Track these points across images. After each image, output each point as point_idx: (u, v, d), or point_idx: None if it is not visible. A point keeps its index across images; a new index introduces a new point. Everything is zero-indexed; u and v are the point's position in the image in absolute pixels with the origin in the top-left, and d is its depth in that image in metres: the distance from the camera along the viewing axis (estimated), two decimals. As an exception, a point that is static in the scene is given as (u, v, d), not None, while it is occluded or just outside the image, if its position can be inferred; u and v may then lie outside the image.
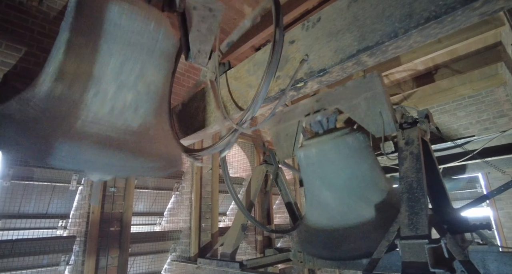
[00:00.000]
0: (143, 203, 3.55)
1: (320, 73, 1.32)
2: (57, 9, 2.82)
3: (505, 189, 2.41)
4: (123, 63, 1.49)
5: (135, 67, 1.52)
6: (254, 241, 4.35)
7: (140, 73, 1.55)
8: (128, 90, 1.51)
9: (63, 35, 1.47)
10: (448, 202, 2.39)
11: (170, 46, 1.70)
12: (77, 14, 1.45)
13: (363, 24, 1.19)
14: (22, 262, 2.37)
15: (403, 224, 1.89)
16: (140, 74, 1.55)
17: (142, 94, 1.56)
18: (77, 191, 2.84)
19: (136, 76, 1.53)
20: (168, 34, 1.64)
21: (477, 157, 2.79)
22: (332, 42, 1.29)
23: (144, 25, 1.53)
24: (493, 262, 2.39)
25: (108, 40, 1.45)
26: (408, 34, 1.07)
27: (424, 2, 1.02)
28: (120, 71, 1.48)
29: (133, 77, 1.53)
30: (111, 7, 1.43)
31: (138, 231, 3.42)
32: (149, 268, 3.35)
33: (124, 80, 1.49)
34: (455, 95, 5.70)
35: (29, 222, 2.61)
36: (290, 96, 1.54)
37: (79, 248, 2.66)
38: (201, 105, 2.08)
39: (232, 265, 2.71)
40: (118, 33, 1.46)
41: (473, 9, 0.93)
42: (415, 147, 2.19)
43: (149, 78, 1.59)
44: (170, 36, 1.66)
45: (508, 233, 5.02)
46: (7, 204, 2.51)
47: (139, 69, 1.54)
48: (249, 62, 1.73)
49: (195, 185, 3.66)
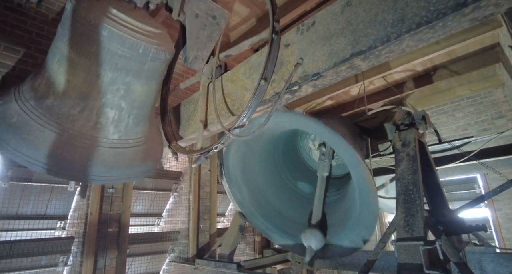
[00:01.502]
0: (141, 203, 3.56)
1: (314, 77, 1.33)
2: (56, 11, 2.82)
3: (501, 190, 2.42)
4: (109, 84, 1.54)
5: (121, 87, 1.57)
6: (252, 242, 4.37)
7: (125, 93, 1.60)
8: (112, 108, 1.58)
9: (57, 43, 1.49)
10: (444, 203, 2.40)
11: (161, 63, 1.69)
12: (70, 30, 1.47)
13: (356, 29, 1.20)
14: (20, 263, 2.39)
15: (399, 225, 1.90)
16: (125, 94, 1.60)
17: (125, 110, 1.64)
18: (75, 192, 2.85)
19: (121, 96, 1.59)
20: (158, 53, 1.60)
21: (473, 159, 2.79)
22: (326, 46, 1.30)
23: (133, 49, 1.52)
24: (489, 263, 2.40)
25: (97, 61, 1.48)
26: (401, 39, 1.08)
27: (415, 8, 1.03)
28: (106, 91, 1.54)
29: (118, 97, 1.59)
30: (100, 30, 1.43)
31: (137, 231, 3.42)
32: (147, 269, 3.36)
33: (109, 99, 1.56)
34: (453, 96, 5.70)
35: (28, 223, 2.62)
36: (285, 100, 1.55)
37: (77, 249, 2.68)
38: (197, 107, 2.09)
39: (230, 266, 2.72)
40: (107, 56, 1.48)
41: (464, 15, 0.94)
42: (412, 148, 2.21)
43: (134, 95, 1.64)
44: (160, 55, 1.62)
45: (506, 234, 5.03)
46: (6, 205, 2.52)
47: (124, 90, 1.59)
48: (245, 65, 1.74)
49: (193, 186, 3.67)
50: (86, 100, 1.51)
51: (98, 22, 1.41)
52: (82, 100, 1.50)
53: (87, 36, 1.43)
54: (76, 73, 1.47)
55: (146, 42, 1.53)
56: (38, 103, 1.47)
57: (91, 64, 1.47)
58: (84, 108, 1.51)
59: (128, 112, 1.66)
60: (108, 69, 1.49)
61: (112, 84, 1.54)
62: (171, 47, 1.70)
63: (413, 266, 1.69)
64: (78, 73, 1.47)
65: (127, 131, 1.68)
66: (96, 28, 1.42)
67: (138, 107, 1.70)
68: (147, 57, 1.56)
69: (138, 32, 1.51)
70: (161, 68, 1.73)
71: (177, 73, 3.95)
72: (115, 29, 1.44)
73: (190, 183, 3.71)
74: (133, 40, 1.49)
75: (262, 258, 3.47)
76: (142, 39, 1.52)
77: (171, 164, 3.80)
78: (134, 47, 1.50)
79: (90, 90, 1.51)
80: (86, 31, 1.43)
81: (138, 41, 1.51)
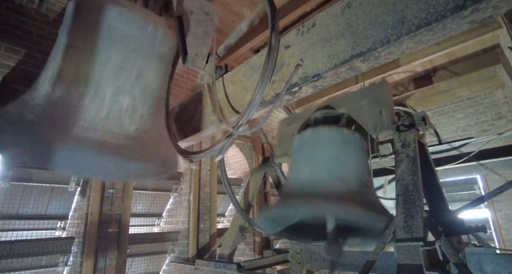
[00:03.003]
0: (141, 204, 3.57)
1: (314, 78, 1.34)
2: (56, 11, 2.83)
3: (501, 192, 2.42)
4: (121, 68, 1.50)
5: (132, 71, 1.53)
6: (252, 242, 4.37)
7: (137, 78, 1.55)
8: (125, 95, 1.52)
9: (62, 39, 1.48)
10: (444, 204, 2.40)
11: (168, 49, 1.69)
12: (75, 18, 1.47)
13: (356, 30, 1.21)
14: (20, 263, 2.39)
15: (398, 226, 1.90)
16: (137, 79, 1.55)
17: (138, 99, 1.57)
18: (76, 192, 2.86)
19: (133, 81, 1.54)
20: (165, 37, 1.64)
21: (473, 160, 2.80)
22: (326, 47, 1.31)
23: (142, 29, 1.53)
24: (489, 264, 2.41)
25: (106, 44, 1.46)
26: (400, 41, 1.08)
27: (415, 10, 1.03)
28: (118, 76, 1.49)
29: (130, 82, 1.53)
30: (108, 12, 1.44)
31: (137, 232, 3.43)
32: (147, 269, 3.36)
33: (121, 85, 1.50)
34: (453, 97, 5.71)
35: (28, 223, 2.63)
36: (285, 100, 1.56)
37: (77, 249, 2.68)
38: (198, 108, 2.09)
39: (229, 266, 2.73)
40: (116, 38, 1.47)
41: (463, 17, 0.95)
42: (412, 149, 2.21)
43: (146, 82, 1.60)
44: (167, 39, 1.65)
45: (506, 235, 5.03)
46: (6, 205, 2.53)
47: (136, 74, 1.55)
48: (246, 66, 1.74)
49: (193, 186, 3.68)
50: (96, 88, 1.45)
51: (105, 4, 1.43)
52: (92, 89, 1.44)
53: (94, 19, 1.43)
54: (83, 61, 1.44)
55: (154, 23, 1.54)
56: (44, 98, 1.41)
57: (100, 49, 1.45)
58: (94, 97, 1.44)
59: (142, 102, 1.59)
60: (118, 51, 1.47)
61: (123, 68, 1.50)
62: (175, 36, 1.71)
63: (412, 267, 1.69)
64: (85, 61, 1.44)
65: (143, 122, 1.59)
66: (103, 9, 1.43)
67: (151, 97, 1.64)
68: (155, 39, 1.56)
69: (144, 15, 1.53)
70: (169, 56, 1.72)
71: (178, 74, 3.96)
72: (122, 9, 1.45)
73: (190, 183, 3.72)
74: (141, 18, 1.50)
75: (262, 259, 3.47)
76: (149, 20, 1.53)
77: (171, 164, 3.80)
78: (143, 25, 1.50)
79: (100, 77, 1.46)
80: (93, 14, 1.43)
81: (147, 20, 1.52)
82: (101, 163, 1.50)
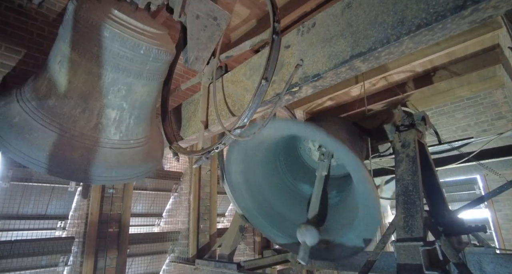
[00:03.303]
0: (141, 204, 3.57)
1: (314, 78, 1.34)
2: (56, 12, 2.83)
3: (501, 192, 2.42)
4: (111, 85, 1.54)
5: (121, 88, 1.58)
6: (252, 242, 4.37)
7: (127, 94, 1.61)
8: (113, 109, 1.59)
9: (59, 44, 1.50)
10: (444, 204, 2.40)
11: (162, 64, 1.69)
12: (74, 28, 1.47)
13: (356, 30, 1.21)
14: (21, 263, 2.39)
15: (398, 226, 1.91)
16: (126, 95, 1.61)
17: (126, 110, 1.64)
18: (76, 192, 2.86)
19: (122, 96, 1.60)
20: (159, 54, 1.61)
21: (473, 160, 2.80)
22: (326, 47, 1.31)
23: (134, 50, 1.52)
24: (489, 264, 2.41)
25: (98, 62, 1.49)
26: (400, 41, 1.08)
27: (415, 10, 1.03)
28: (107, 92, 1.55)
29: (119, 97, 1.59)
30: (102, 31, 1.44)
31: (137, 232, 3.43)
32: (147, 269, 3.36)
33: (111, 100, 1.57)
34: (453, 97, 5.71)
35: (28, 223, 2.63)
36: (285, 100, 1.56)
37: (77, 249, 2.68)
38: (197, 108, 2.10)
39: (229, 266, 2.73)
40: (108, 57, 1.49)
41: (463, 17, 0.95)
42: (412, 149, 2.21)
43: (135, 96, 1.65)
44: (162, 55, 1.63)
45: (506, 235, 5.03)
46: (6, 205, 2.53)
47: (126, 91, 1.60)
48: (246, 66, 1.74)
49: (193, 186, 3.68)
50: (87, 101, 1.52)
51: (99, 23, 1.42)
52: (84, 101, 1.51)
53: (89, 37, 1.44)
54: (77, 74, 1.48)
55: (148, 43, 1.54)
56: (39, 104, 1.48)
57: (93, 65, 1.47)
58: (85, 108, 1.52)
59: (129, 112, 1.66)
60: (109, 70, 1.50)
61: (113, 85, 1.55)
62: (172, 48, 1.71)
63: (412, 267, 1.69)
64: (79, 74, 1.48)
65: (128, 131, 1.69)
66: (98, 29, 1.42)
67: (139, 107, 1.70)
68: (148, 58, 1.57)
69: (139, 33, 1.52)
70: (162, 69, 1.74)
71: (178, 74, 3.96)
72: (116, 30, 1.44)
73: (190, 183, 3.72)
74: (134, 40, 1.49)
75: (262, 259, 3.47)
76: (144, 39, 1.53)
77: (172, 164, 3.81)
78: (135, 47, 1.51)
79: (91, 91, 1.52)
80: (88, 32, 1.43)
81: (140, 42, 1.51)
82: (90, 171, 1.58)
